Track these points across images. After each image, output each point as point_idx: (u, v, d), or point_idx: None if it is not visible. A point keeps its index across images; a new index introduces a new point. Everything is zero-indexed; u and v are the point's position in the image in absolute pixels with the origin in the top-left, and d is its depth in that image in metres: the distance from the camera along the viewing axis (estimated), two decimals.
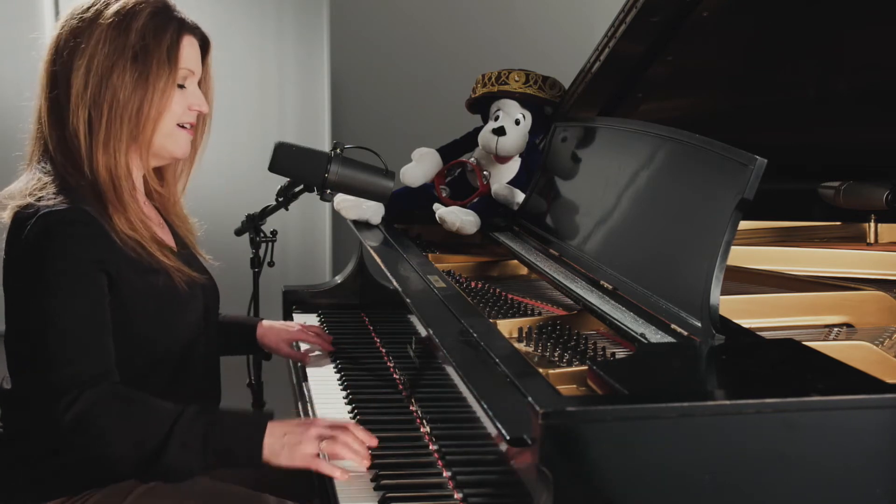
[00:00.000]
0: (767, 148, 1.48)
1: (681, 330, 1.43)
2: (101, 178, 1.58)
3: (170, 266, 1.62)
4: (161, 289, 1.61)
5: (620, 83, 2.31)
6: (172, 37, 1.61)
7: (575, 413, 1.09)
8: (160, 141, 1.64)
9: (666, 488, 1.09)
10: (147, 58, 1.58)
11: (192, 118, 1.67)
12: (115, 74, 1.56)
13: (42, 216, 1.50)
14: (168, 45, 1.60)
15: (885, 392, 1.16)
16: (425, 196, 2.46)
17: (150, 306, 1.59)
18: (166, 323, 1.62)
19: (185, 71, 1.64)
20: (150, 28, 1.59)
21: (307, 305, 2.46)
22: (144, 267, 1.59)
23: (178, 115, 1.64)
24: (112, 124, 1.57)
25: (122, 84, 1.56)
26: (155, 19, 1.60)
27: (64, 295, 1.49)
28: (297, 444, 1.48)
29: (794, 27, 2.02)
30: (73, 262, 1.50)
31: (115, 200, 1.58)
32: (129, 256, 1.56)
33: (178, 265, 1.65)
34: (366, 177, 1.98)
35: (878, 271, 2.03)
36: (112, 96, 1.56)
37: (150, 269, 1.59)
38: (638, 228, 1.71)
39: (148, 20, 1.59)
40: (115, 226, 1.56)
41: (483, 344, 1.44)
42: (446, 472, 1.48)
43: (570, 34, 3.83)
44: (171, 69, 1.60)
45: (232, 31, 3.46)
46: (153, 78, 1.58)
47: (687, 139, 1.63)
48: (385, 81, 4.07)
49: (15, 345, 1.59)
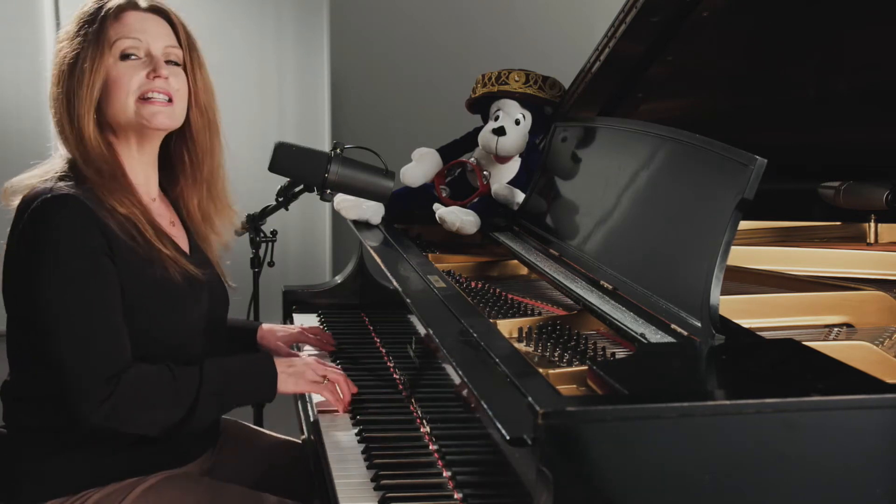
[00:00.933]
0: (767, 148, 1.48)
1: (681, 330, 1.43)
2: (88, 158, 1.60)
3: (166, 255, 1.62)
4: (158, 281, 1.60)
5: (620, 83, 2.31)
6: (106, 10, 1.62)
7: (575, 413, 1.09)
8: (125, 115, 1.62)
9: (666, 488, 1.09)
10: (80, 36, 1.61)
11: (154, 87, 1.62)
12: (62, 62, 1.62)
13: (40, 203, 1.52)
14: (100, 18, 1.62)
15: (885, 392, 1.16)
16: (425, 196, 2.46)
17: (144, 298, 1.59)
18: (161, 316, 1.62)
19: (129, 41, 1.62)
20: (88, 13, 1.63)
21: (307, 305, 2.46)
22: (142, 257, 1.58)
23: (135, 86, 1.62)
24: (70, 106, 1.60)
25: (63, 69, 1.61)
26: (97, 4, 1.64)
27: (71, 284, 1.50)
28: (302, 373, 1.70)
29: (794, 27, 2.02)
30: (75, 249, 1.51)
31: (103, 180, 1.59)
32: (127, 244, 1.56)
33: (174, 256, 1.63)
34: (366, 177, 1.98)
35: (878, 271, 2.03)
36: (59, 80, 1.62)
37: (146, 259, 1.59)
38: (638, 228, 1.71)
39: (90, 7, 1.64)
40: (112, 207, 1.57)
41: (483, 344, 1.44)
42: (446, 472, 1.48)
43: (570, 34, 3.83)
44: (98, 39, 1.60)
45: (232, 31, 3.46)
46: (83, 52, 1.60)
47: (687, 139, 1.63)
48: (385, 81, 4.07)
49: (20, 338, 1.59)
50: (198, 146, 1.73)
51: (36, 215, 1.52)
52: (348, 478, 1.52)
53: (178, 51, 1.67)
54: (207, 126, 1.73)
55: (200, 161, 1.75)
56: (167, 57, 1.65)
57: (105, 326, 1.52)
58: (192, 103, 1.70)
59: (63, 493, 1.57)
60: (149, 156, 1.69)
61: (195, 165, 1.75)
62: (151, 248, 1.60)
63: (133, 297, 1.57)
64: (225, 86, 1.81)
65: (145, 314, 1.59)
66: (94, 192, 1.57)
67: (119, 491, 1.58)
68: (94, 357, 1.50)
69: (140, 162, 1.68)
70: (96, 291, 1.52)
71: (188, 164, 1.75)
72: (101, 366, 1.50)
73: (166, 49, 1.65)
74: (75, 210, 1.52)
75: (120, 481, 1.59)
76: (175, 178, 1.77)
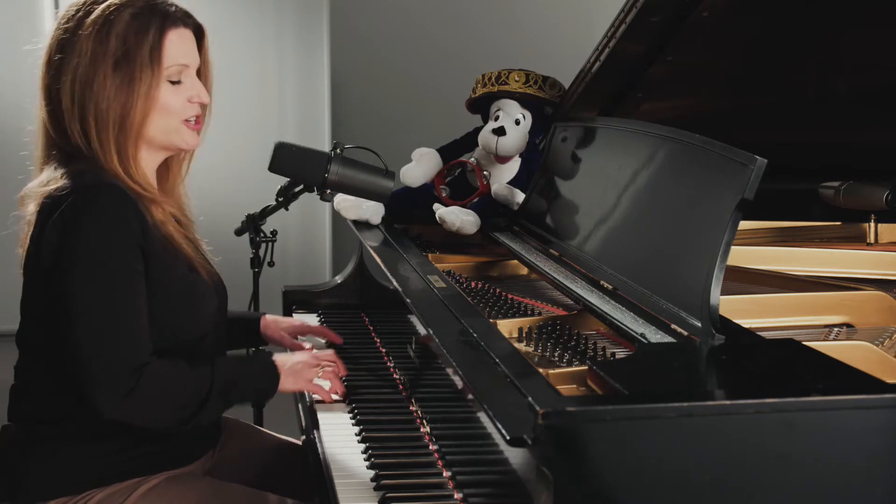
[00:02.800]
0: (767, 148, 1.48)
1: (681, 330, 1.43)
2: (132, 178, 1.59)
3: (194, 258, 1.64)
4: (183, 278, 1.62)
5: (620, 83, 2.31)
6: (155, 36, 1.58)
7: (575, 413, 1.09)
8: (166, 138, 1.63)
9: (666, 488, 1.09)
10: (129, 62, 1.56)
11: (195, 111, 1.65)
12: (97, 84, 1.55)
13: (80, 193, 1.50)
14: (151, 46, 1.57)
15: (885, 392, 1.16)
16: (425, 196, 2.46)
17: (169, 294, 1.59)
18: (183, 313, 1.63)
19: (177, 67, 1.61)
20: (132, 31, 1.56)
21: (307, 305, 2.46)
22: (170, 253, 1.59)
23: (180, 111, 1.62)
24: (102, 133, 1.56)
25: (103, 94, 1.55)
26: (136, 20, 1.57)
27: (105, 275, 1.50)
28: (300, 372, 1.73)
29: (794, 27, 2.02)
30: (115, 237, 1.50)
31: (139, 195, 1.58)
32: (159, 239, 1.57)
33: (199, 257, 1.67)
34: (366, 177, 1.98)
35: (878, 271, 2.03)
36: (95, 107, 1.55)
37: (173, 253, 1.60)
38: (638, 228, 1.71)
39: (129, 22, 1.56)
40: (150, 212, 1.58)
41: (483, 344, 1.44)
42: (446, 472, 1.48)
43: (570, 34, 3.83)
44: (155, 70, 1.57)
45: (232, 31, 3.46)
46: (136, 83, 1.56)
47: (687, 139, 1.63)
48: (385, 81, 4.07)
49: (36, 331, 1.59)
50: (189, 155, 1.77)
51: (78, 204, 1.50)
52: (348, 478, 1.52)
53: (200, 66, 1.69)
54: None
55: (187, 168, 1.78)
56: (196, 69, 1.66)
57: (132, 318, 1.52)
58: None
59: (66, 492, 1.57)
60: (160, 161, 1.71)
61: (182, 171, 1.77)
62: (178, 245, 1.62)
63: (160, 289, 1.57)
64: (225, 86, 1.81)
65: (168, 307, 1.59)
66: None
67: (122, 491, 1.58)
68: (121, 348, 1.50)
69: (152, 166, 1.69)
70: (127, 283, 1.52)
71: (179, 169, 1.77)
72: (128, 358, 1.50)
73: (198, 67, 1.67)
74: (116, 198, 1.52)
75: (122, 481, 1.59)
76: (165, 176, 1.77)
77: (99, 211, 1.50)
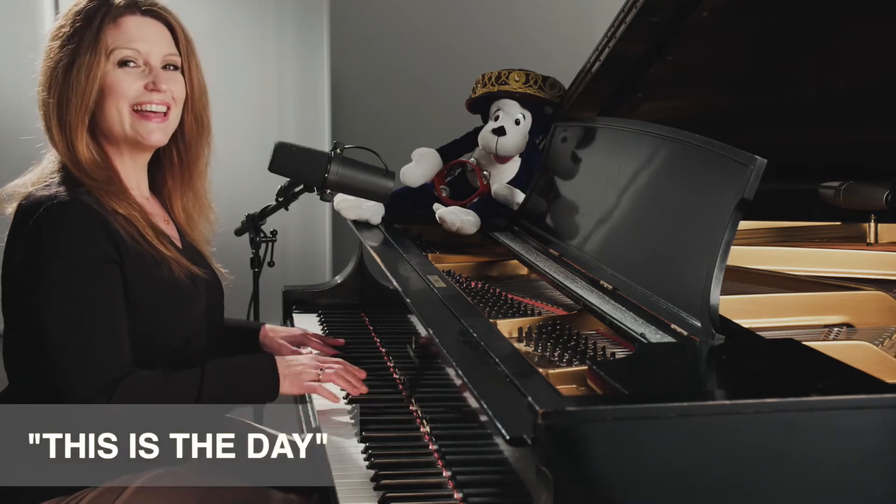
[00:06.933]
0: (767, 148, 1.48)
1: (681, 330, 1.43)
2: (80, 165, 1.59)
3: (169, 257, 1.63)
4: (165, 281, 1.61)
5: (620, 83, 2.31)
6: (103, 13, 1.59)
7: (575, 413, 1.09)
8: (121, 127, 1.62)
9: (666, 488, 1.09)
10: (76, 40, 1.58)
11: (150, 98, 1.62)
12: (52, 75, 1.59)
13: (45, 210, 1.51)
14: (98, 23, 1.58)
15: (885, 392, 1.16)
16: (425, 196, 2.46)
17: (152, 299, 1.59)
18: (166, 316, 1.63)
19: (128, 51, 1.61)
20: (83, 12, 1.60)
21: (307, 305, 2.46)
22: (147, 259, 1.59)
23: (129, 94, 1.61)
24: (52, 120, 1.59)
25: (56, 73, 1.59)
26: (92, 3, 1.60)
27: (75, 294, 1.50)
28: (300, 374, 1.70)
29: (794, 27, 2.02)
30: (81, 257, 1.50)
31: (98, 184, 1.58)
32: (134, 248, 1.57)
33: (176, 256, 1.65)
34: (366, 177, 1.98)
35: (878, 271, 2.03)
36: (50, 85, 1.59)
37: (153, 261, 1.60)
38: (638, 228, 1.71)
39: (85, 5, 1.60)
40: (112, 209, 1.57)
41: (483, 344, 1.44)
42: (446, 472, 1.48)
43: (570, 34, 3.82)
44: (95, 45, 1.58)
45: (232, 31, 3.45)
46: (79, 59, 1.58)
47: (687, 139, 1.63)
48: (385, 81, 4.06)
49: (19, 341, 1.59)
50: (189, 149, 1.75)
51: (41, 222, 1.51)
52: (348, 478, 1.52)
53: (177, 57, 1.67)
54: (200, 130, 1.75)
55: (189, 164, 1.76)
56: (165, 62, 1.65)
57: (105, 335, 1.52)
58: (188, 108, 1.71)
59: (59, 492, 1.57)
60: (141, 163, 1.71)
61: (184, 167, 1.76)
62: (154, 250, 1.61)
63: (140, 298, 1.57)
64: (225, 86, 1.82)
65: (152, 314, 1.59)
66: (93, 194, 1.57)
67: (113, 490, 1.57)
68: (92, 367, 1.50)
69: (133, 168, 1.69)
70: (99, 300, 1.52)
71: (177, 166, 1.76)
72: (98, 375, 1.50)
73: (165, 57, 1.65)
74: (82, 216, 1.52)
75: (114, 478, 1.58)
76: (163, 178, 1.78)
77: (67, 232, 1.51)
